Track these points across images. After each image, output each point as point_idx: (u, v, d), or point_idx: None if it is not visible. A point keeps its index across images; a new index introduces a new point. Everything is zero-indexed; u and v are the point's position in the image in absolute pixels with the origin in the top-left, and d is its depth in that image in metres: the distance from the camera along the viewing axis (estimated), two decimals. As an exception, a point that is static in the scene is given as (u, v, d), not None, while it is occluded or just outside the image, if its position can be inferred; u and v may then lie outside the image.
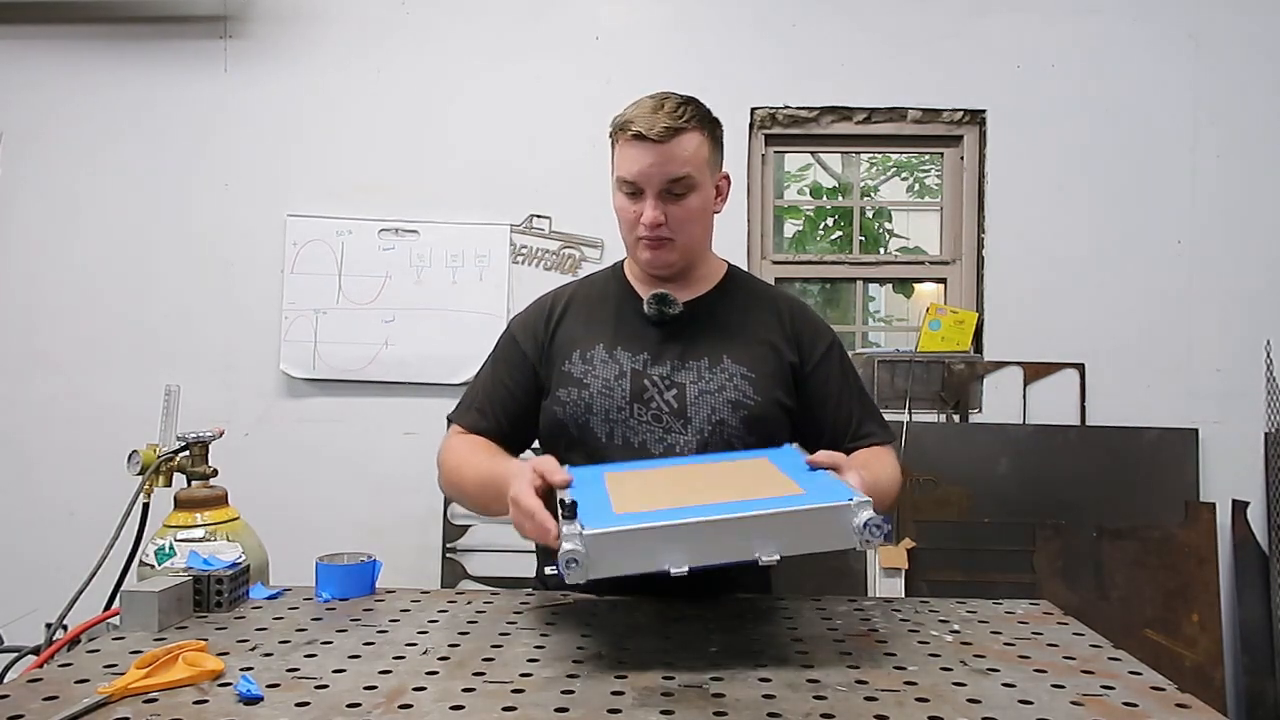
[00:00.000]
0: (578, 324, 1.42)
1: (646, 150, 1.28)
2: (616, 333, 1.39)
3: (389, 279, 2.86)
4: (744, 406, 1.33)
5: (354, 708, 0.83)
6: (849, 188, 5.68)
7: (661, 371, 1.35)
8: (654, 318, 1.37)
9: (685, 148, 1.29)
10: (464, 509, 1.38)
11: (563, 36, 2.90)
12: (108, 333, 2.87)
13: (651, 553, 0.93)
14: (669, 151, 1.28)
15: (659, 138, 1.28)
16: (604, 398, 1.34)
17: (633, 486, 1.11)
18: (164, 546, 1.33)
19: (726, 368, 1.35)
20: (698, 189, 1.32)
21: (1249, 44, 2.86)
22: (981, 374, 2.87)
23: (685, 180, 1.30)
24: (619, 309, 1.42)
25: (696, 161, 1.31)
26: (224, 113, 2.89)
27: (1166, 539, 2.73)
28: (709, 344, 1.37)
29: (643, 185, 1.31)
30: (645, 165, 1.29)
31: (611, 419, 1.33)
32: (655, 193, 1.30)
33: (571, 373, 1.37)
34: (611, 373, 1.35)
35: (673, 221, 1.32)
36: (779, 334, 1.40)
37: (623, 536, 0.93)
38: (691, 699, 0.87)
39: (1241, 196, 2.86)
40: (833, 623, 1.14)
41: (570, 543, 0.91)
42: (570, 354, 1.39)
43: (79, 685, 0.88)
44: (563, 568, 0.91)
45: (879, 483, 1.26)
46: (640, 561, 0.93)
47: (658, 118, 1.28)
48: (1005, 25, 2.89)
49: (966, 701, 0.88)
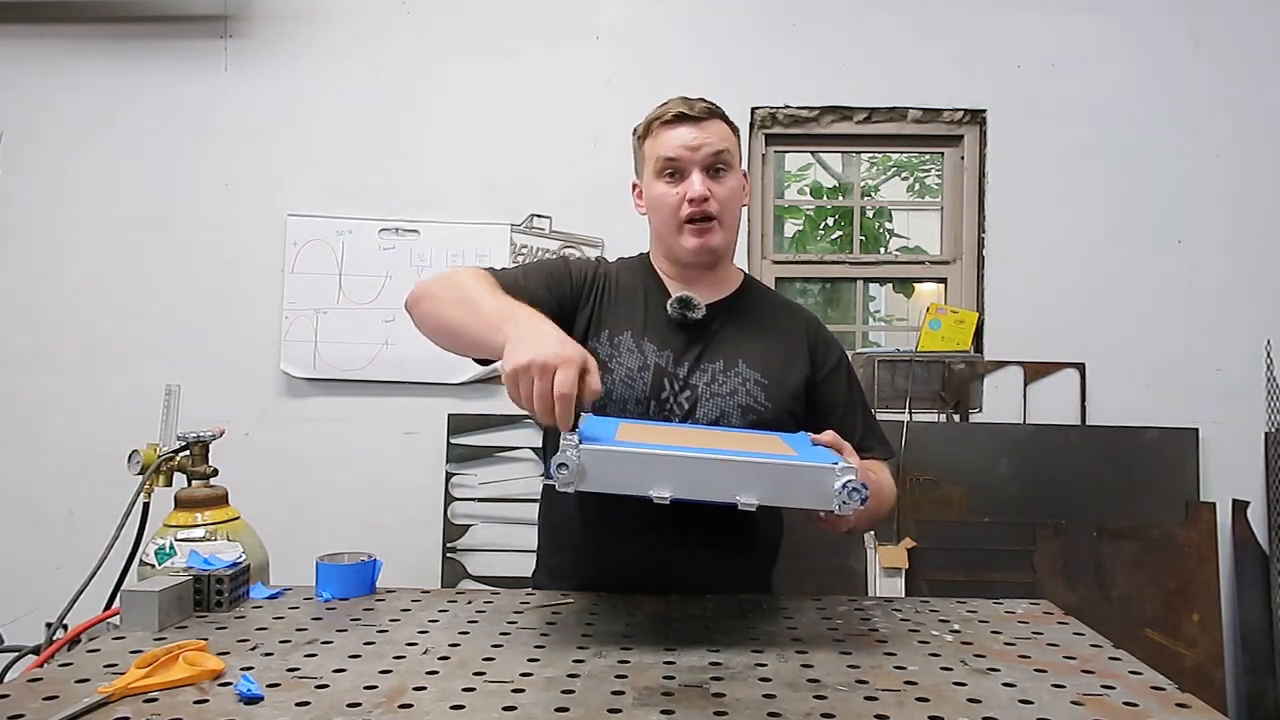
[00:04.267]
0: (616, 304, 1.41)
1: (690, 128, 1.35)
2: (645, 323, 1.39)
3: (389, 279, 2.86)
4: (753, 412, 1.33)
5: (354, 707, 0.83)
6: (849, 187, 5.68)
7: (680, 372, 1.35)
8: (676, 319, 1.38)
9: (724, 129, 1.38)
10: (426, 314, 1.27)
11: (563, 36, 2.90)
12: (108, 333, 2.87)
13: (639, 477, 0.98)
14: (710, 128, 1.36)
15: (701, 114, 1.35)
16: (625, 386, 1.34)
17: (641, 432, 1.16)
18: (164, 546, 1.33)
19: (741, 372, 1.36)
20: (734, 170, 1.38)
21: (1249, 44, 2.86)
22: (982, 374, 2.87)
23: (725, 156, 1.36)
24: (648, 300, 1.42)
25: (732, 144, 1.38)
26: (224, 112, 2.89)
27: (1167, 539, 2.73)
28: (726, 348, 1.38)
29: (686, 163, 1.35)
30: (689, 140, 1.35)
31: (627, 410, 1.33)
32: (701, 169, 1.35)
33: (598, 352, 1.35)
34: (636, 363, 1.35)
35: (717, 198, 1.36)
36: (796, 344, 1.42)
37: (615, 455, 0.98)
38: (692, 699, 0.87)
39: (1241, 196, 2.86)
40: (833, 622, 1.14)
41: (565, 450, 0.96)
42: (601, 332, 1.38)
43: (79, 685, 0.88)
44: (553, 470, 0.96)
45: (880, 488, 1.28)
46: (628, 482, 0.99)
47: (694, 102, 1.36)
48: (1005, 25, 2.89)
49: (967, 701, 0.88)
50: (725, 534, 1.28)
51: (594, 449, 0.98)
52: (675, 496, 0.98)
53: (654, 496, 0.98)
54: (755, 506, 0.98)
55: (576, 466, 0.96)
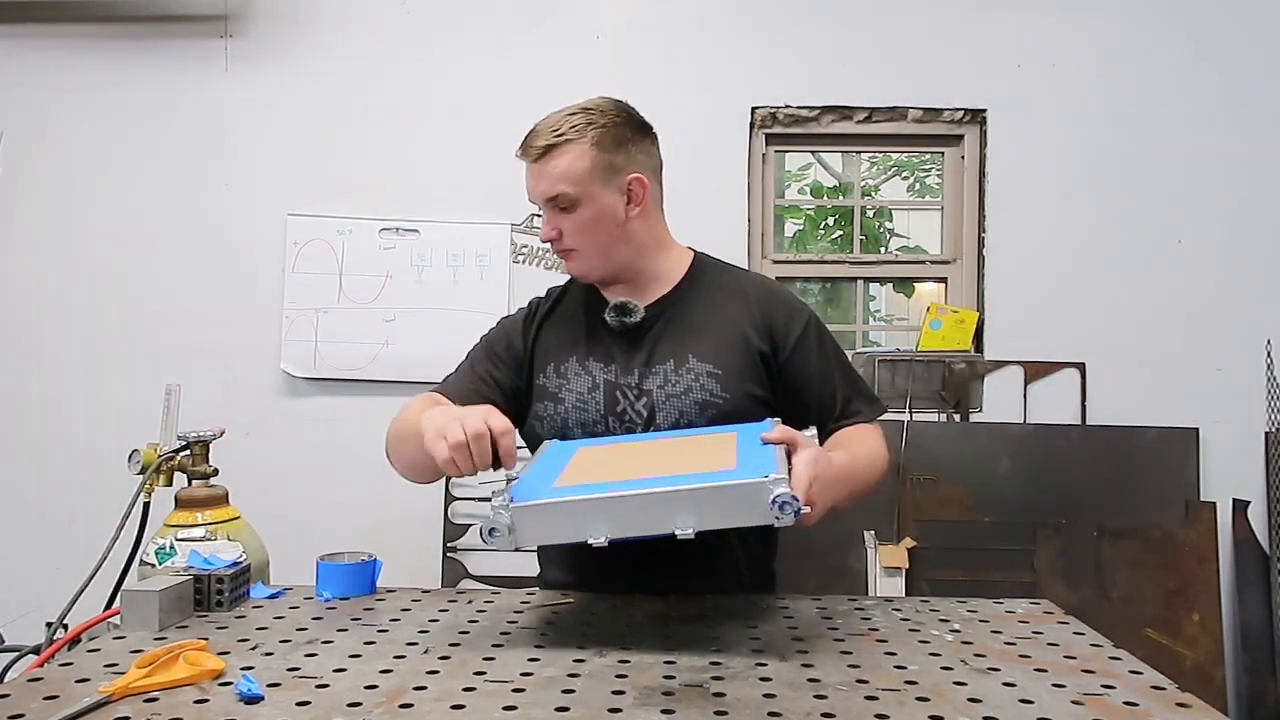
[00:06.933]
0: (553, 334, 1.42)
1: (528, 170, 1.35)
2: (588, 343, 1.38)
3: (390, 278, 2.86)
4: (712, 405, 1.30)
5: (355, 707, 0.83)
6: (849, 187, 5.68)
7: (631, 380, 1.34)
8: (616, 328, 1.37)
9: (557, 165, 1.31)
10: (397, 462, 1.34)
11: (564, 36, 2.89)
12: (108, 332, 2.87)
13: (574, 524, 0.98)
14: (542, 170, 1.32)
15: (533, 158, 1.32)
16: (579, 411, 1.33)
17: (594, 461, 1.15)
18: (165, 546, 1.33)
19: (692, 368, 1.32)
20: (582, 203, 1.32)
21: (1249, 44, 2.86)
22: (982, 373, 2.87)
23: (561, 197, 1.32)
24: (588, 317, 1.41)
25: (573, 176, 1.31)
26: (224, 112, 2.89)
27: (1167, 538, 2.73)
28: (673, 346, 1.35)
29: (534, 201, 1.36)
30: (531, 184, 1.35)
31: (589, 431, 1.32)
32: (545, 208, 1.35)
33: (547, 387, 1.37)
34: (585, 385, 1.35)
35: (567, 235, 1.35)
36: (747, 323, 1.36)
37: (546, 509, 0.99)
38: (692, 698, 0.87)
39: (1242, 196, 2.86)
40: (833, 622, 1.14)
41: (495, 514, 0.98)
42: (545, 366, 1.39)
43: (79, 684, 0.88)
44: (485, 536, 0.98)
45: (855, 463, 1.23)
46: (562, 533, 0.99)
47: (536, 134, 1.33)
48: (1005, 25, 2.89)
49: (967, 701, 0.87)
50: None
51: (521, 507, 0.98)
52: (611, 538, 0.97)
53: (591, 542, 0.97)
54: (693, 534, 0.97)
55: (507, 528, 0.97)
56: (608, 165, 1.33)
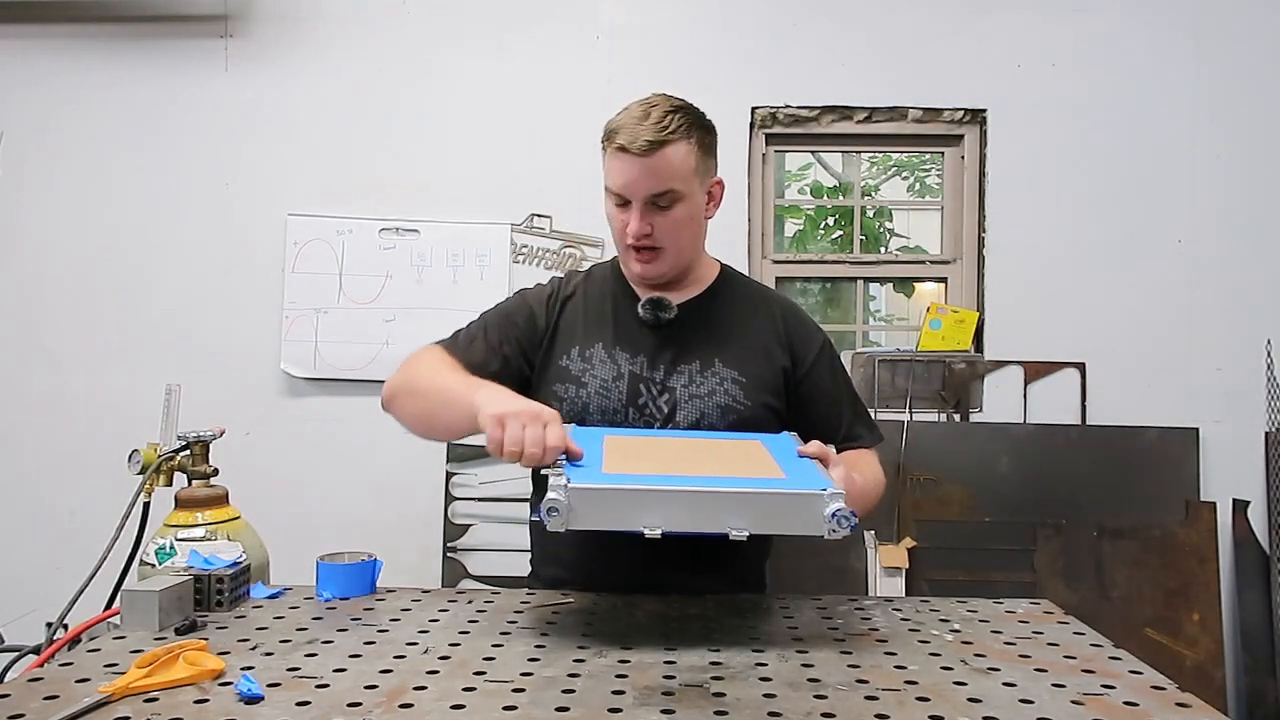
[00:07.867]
0: (579, 318, 1.42)
1: (630, 163, 1.28)
2: (615, 332, 1.39)
3: (390, 278, 2.86)
4: (733, 411, 1.33)
5: (355, 707, 0.83)
6: (849, 187, 5.68)
7: (656, 376, 1.35)
8: (649, 322, 1.38)
9: (669, 161, 1.28)
10: (402, 412, 1.36)
11: (563, 36, 2.89)
12: (108, 332, 2.87)
13: (630, 512, 0.98)
14: (652, 165, 1.28)
15: (641, 151, 1.27)
16: (601, 398, 1.34)
17: (628, 450, 1.15)
18: (164, 546, 1.33)
19: (718, 371, 1.36)
20: (684, 200, 1.32)
21: (1249, 44, 2.86)
22: (982, 373, 2.87)
23: (669, 194, 1.30)
24: (616, 308, 1.42)
25: (682, 173, 1.30)
26: (224, 112, 2.89)
27: (1167, 538, 2.73)
28: (702, 348, 1.37)
29: (628, 197, 1.31)
30: (629, 179, 1.29)
31: (608, 419, 1.34)
32: (640, 205, 1.31)
33: (570, 369, 1.37)
34: (610, 374, 1.36)
35: (659, 232, 1.33)
36: (773, 337, 1.41)
37: (605, 494, 0.98)
38: (692, 698, 0.87)
39: (1242, 196, 2.86)
40: (833, 622, 1.14)
41: (555, 492, 0.96)
42: (569, 349, 1.39)
43: (79, 684, 0.88)
44: (544, 515, 0.96)
45: (867, 485, 1.27)
46: (618, 519, 0.98)
47: (641, 130, 1.27)
48: (1005, 25, 2.89)
49: (967, 701, 0.88)
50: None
51: (583, 488, 0.97)
52: (666, 530, 0.98)
53: (645, 532, 0.97)
54: (747, 536, 0.98)
55: (566, 507, 0.97)
56: (704, 167, 1.35)
